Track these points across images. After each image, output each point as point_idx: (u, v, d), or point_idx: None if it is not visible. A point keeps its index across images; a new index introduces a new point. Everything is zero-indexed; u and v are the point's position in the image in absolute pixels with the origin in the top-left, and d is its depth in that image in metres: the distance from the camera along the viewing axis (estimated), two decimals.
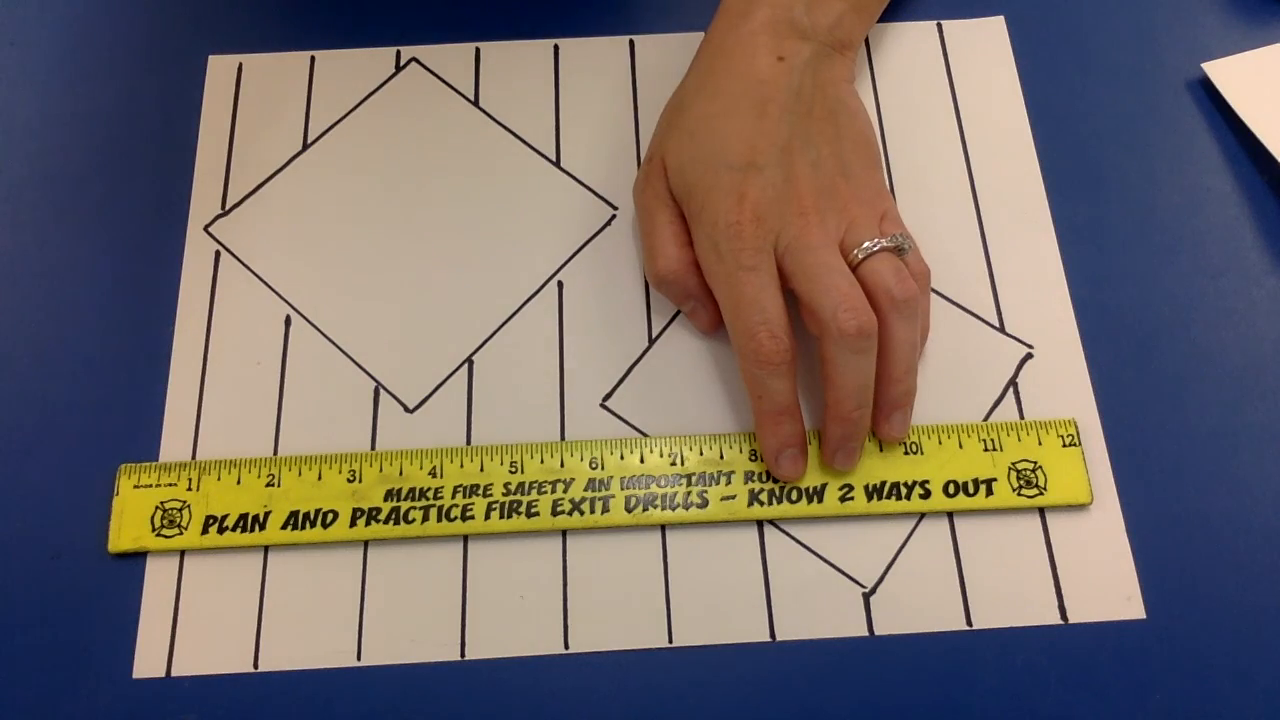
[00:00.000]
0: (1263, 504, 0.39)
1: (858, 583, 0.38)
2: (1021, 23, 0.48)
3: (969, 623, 0.38)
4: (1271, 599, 0.38)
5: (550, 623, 0.38)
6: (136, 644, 0.37)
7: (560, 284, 0.43)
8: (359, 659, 0.37)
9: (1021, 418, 0.41)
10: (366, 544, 0.39)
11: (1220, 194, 0.45)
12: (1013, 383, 0.41)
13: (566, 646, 0.37)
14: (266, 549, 0.39)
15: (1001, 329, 0.42)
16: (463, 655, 0.37)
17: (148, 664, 0.37)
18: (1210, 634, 0.37)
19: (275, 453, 0.40)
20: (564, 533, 0.39)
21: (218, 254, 0.44)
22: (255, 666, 0.37)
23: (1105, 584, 0.38)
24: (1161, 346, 0.42)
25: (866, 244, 0.38)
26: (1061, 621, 0.38)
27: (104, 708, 0.37)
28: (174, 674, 0.37)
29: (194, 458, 0.40)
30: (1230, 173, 0.45)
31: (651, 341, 0.42)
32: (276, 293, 0.43)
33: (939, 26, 0.48)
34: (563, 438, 0.40)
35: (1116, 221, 0.44)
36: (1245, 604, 0.38)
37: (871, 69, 0.47)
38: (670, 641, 0.37)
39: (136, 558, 0.39)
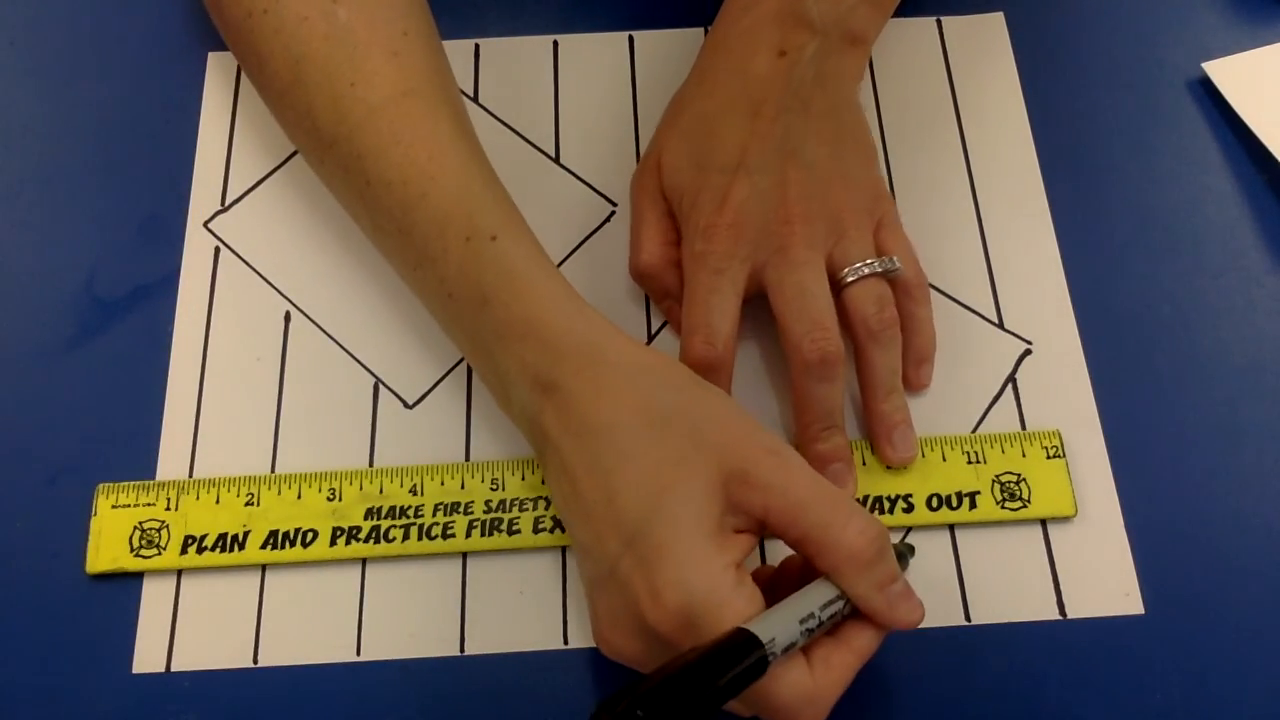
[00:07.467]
0: (1261, 500, 0.39)
1: None
2: (1021, 20, 0.48)
3: (968, 618, 0.38)
4: (1270, 594, 0.38)
5: (550, 618, 0.38)
6: (136, 640, 0.37)
7: None
8: (359, 654, 0.37)
9: (1020, 413, 0.41)
10: None
11: (1220, 194, 0.45)
12: (1011, 378, 0.41)
13: (566, 642, 0.37)
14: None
15: (1000, 325, 0.42)
16: (462, 650, 0.37)
17: (147, 660, 0.37)
18: (1209, 629, 0.37)
19: (274, 451, 0.40)
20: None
21: (217, 250, 0.44)
22: (255, 661, 0.37)
23: (1104, 579, 0.38)
24: (1161, 345, 0.42)
25: (857, 265, 0.38)
26: (1060, 617, 0.38)
27: (104, 703, 0.37)
28: (174, 669, 0.37)
29: (193, 453, 0.40)
30: (1230, 173, 0.45)
31: (650, 338, 0.42)
32: (276, 289, 0.43)
33: (938, 22, 0.48)
34: None
35: (1116, 221, 0.44)
36: (1243, 599, 0.38)
37: (871, 65, 0.47)
38: None
39: None
